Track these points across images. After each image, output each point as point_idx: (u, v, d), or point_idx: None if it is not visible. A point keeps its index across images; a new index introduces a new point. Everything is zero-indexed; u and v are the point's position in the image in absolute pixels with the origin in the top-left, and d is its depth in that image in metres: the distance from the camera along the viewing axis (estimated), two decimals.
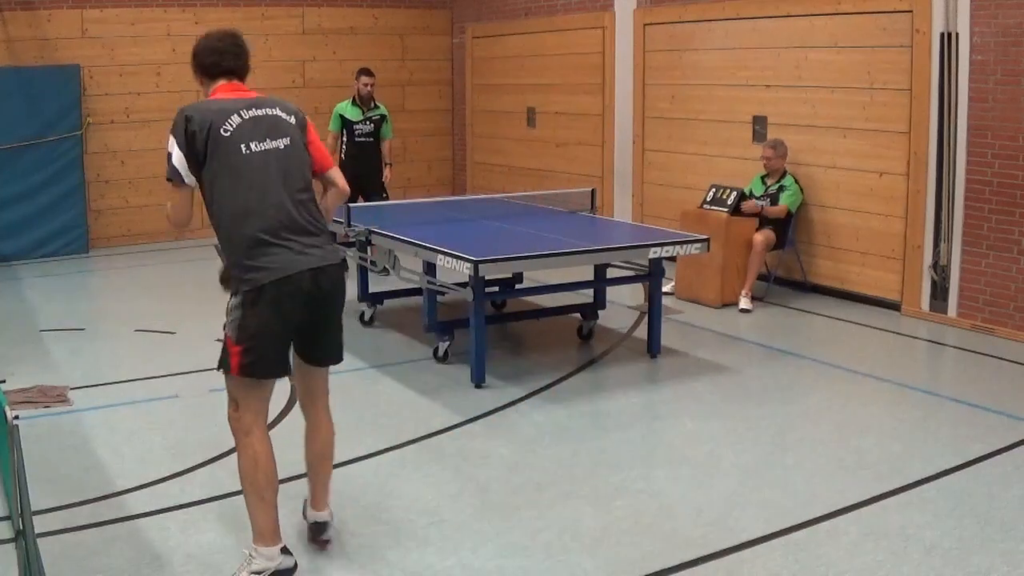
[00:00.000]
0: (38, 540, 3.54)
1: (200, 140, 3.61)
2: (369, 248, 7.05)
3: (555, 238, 6.64)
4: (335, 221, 7.47)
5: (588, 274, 7.09)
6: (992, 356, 6.80)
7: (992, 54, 7.05)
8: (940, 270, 7.58)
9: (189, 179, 3.68)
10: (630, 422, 5.35)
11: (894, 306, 7.98)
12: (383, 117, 9.74)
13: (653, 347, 6.82)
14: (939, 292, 7.62)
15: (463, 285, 6.19)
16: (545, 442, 5.29)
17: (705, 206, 8.48)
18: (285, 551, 3.81)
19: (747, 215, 8.24)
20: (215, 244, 3.87)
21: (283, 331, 3.70)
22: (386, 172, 9.77)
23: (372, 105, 9.64)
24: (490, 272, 6.00)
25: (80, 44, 10.86)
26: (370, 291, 7.71)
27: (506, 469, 4.92)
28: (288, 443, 5.31)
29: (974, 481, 4.72)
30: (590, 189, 8.04)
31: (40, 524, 4.03)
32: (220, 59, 3.83)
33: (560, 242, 6.48)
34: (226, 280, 3.77)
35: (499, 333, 7.41)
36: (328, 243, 3.83)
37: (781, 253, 8.59)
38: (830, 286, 8.52)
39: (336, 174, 4.03)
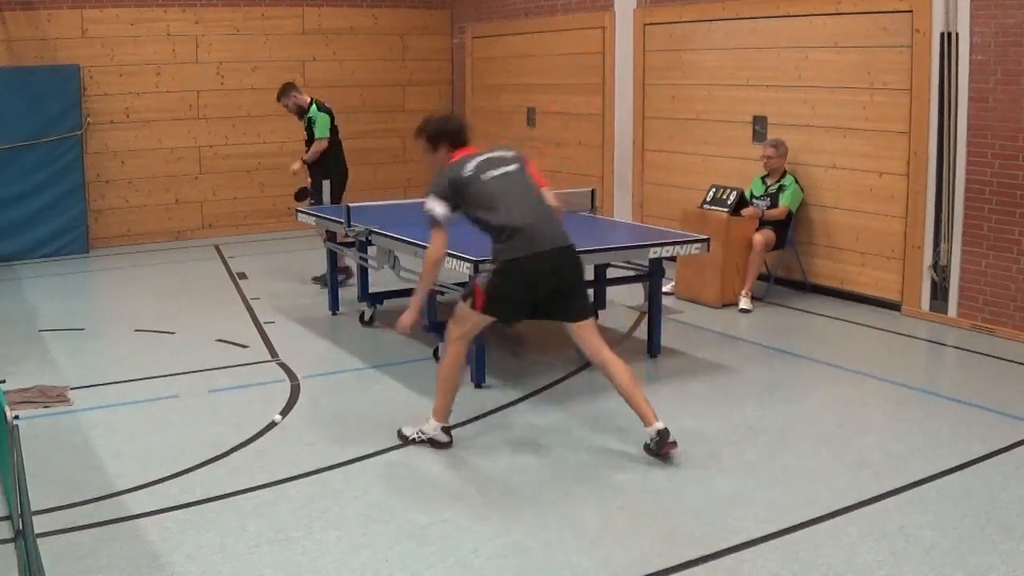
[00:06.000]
0: (38, 540, 3.54)
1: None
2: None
3: None
4: (335, 221, 7.51)
5: (588, 274, 7.07)
6: (992, 356, 6.79)
7: (992, 54, 7.05)
8: (940, 270, 7.58)
9: None
10: (629, 422, 5.34)
11: (894, 306, 7.98)
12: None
13: (653, 347, 6.82)
14: (939, 292, 7.62)
15: (463, 285, 6.18)
16: (545, 442, 5.29)
17: (705, 206, 8.48)
18: (447, 431, 5.14)
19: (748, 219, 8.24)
20: None
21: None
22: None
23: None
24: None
25: (80, 44, 10.85)
26: (370, 291, 7.70)
27: (506, 469, 4.91)
28: (288, 442, 5.32)
29: (974, 481, 4.71)
30: (590, 189, 8.02)
31: (40, 524, 4.03)
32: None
33: None
34: None
35: (499, 333, 7.40)
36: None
37: (781, 253, 8.59)
38: (830, 286, 8.51)
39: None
